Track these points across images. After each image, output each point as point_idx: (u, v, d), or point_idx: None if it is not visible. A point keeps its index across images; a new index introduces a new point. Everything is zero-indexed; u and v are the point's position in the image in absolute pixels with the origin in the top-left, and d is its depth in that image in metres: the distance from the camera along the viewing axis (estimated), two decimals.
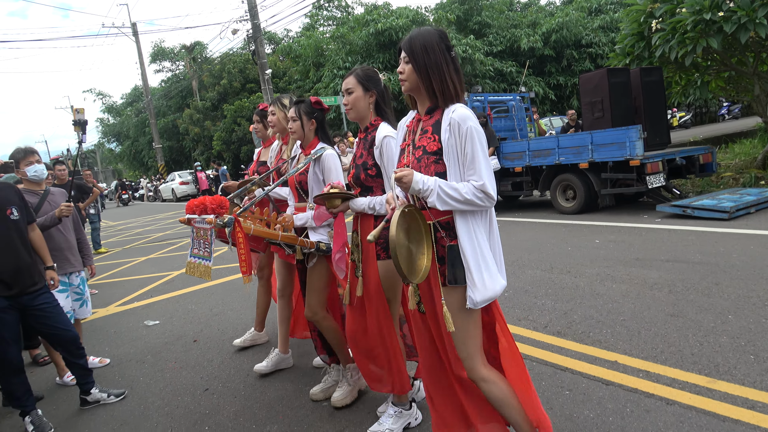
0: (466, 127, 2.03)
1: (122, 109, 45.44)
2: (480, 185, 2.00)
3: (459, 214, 2.05)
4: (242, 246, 2.74)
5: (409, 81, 2.17)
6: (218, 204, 2.76)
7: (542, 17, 24.21)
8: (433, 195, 2.00)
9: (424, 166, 2.12)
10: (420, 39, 2.12)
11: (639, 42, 10.02)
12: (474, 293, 2.04)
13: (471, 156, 2.02)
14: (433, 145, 2.12)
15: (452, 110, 2.08)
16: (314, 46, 22.42)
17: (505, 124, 11.10)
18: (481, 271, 2.04)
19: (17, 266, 3.31)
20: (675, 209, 7.65)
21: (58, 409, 3.77)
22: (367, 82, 2.74)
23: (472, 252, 2.04)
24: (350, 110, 2.78)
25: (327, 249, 2.99)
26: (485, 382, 2.16)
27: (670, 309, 4.16)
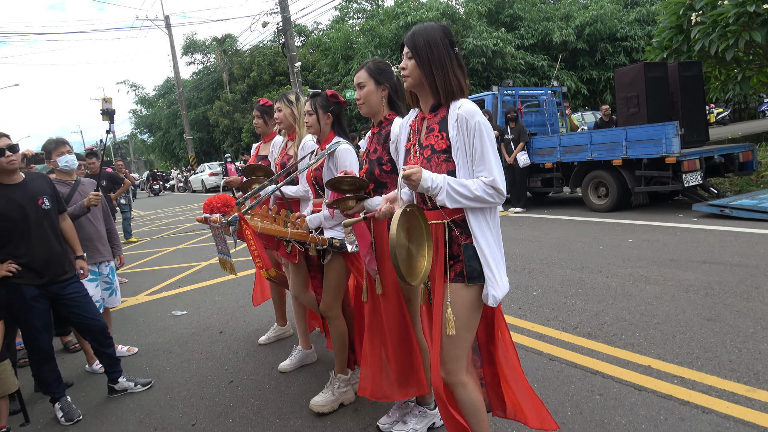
0: (474, 122, 1.98)
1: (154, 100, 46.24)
2: (490, 181, 1.95)
3: (471, 211, 2.01)
4: (252, 242, 2.72)
5: (413, 77, 2.11)
6: (223, 203, 2.74)
7: (576, 10, 23.67)
8: (442, 193, 1.95)
9: (434, 165, 2.06)
10: (423, 34, 2.07)
11: (677, 35, 9.72)
12: (495, 290, 2.01)
13: (480, 152, 1.97)
14: (441, 143, 2.06)
15: (458, 106, 2.03)
16: (343, 39, 22.40)
17: (535, 119, 10.90)
18: (499, 267, 2.03)
19: (48, 255, 3.36)
20: (712, 209, 7.40)
21: (87, 397, 3.83)
22: (379, 76, 2.67)
23: (489, 249, 2.02)
24: (362, 105, 2.71)
25: (341, 246, 2.93)
26: (463, 388, 2.12)
27: (707, 313, 4.01)
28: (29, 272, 3.30)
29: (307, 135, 3.51)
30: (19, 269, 3.26)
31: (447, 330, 2.03)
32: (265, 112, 4.19)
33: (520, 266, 5.81)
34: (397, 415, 2.90)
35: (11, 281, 3.26)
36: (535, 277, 5.44)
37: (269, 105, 4.19)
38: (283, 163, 3.80)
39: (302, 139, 3.56)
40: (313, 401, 3.16)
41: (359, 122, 20.18)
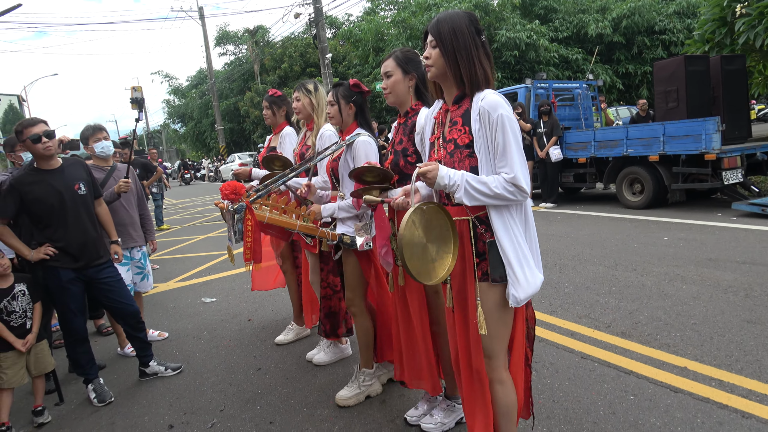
0: (497, 115, 1.88)
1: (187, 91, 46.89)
2: (511, 178, 1.86)
3: (493, 209, 1.93)
4: (250, 232, 2.70)
5: (436, 66, 2.02)
6: (232, 190, 2.71)
7: (613, 2, 23.07)
8: (460, 190, 1.88)
9: (457, 161, 1.99)
10: (448, 22, 1.98)
11: (720, 28, 9.39)
12: (517, 290, 1.92)
13: (502, 146, 1.88)
14: (464, 137, 1.98)
15: (481, 98, 1.93)
16: (374, 31, 22.29)
17: (569, 112, 10.68)
18: (522, 267, 1.93)
19: (84, 240, 3.42)
20: (753, 208, 7.15)
21: (119, 379, 3.90)
22: (406, 65, 2.60)
23: (512, 247, 1.92)
24: (389, 94, 2.66)
25: (351, 242, 2.87)
26: (501, 385, 2.07)
27: (747, 315, 3.87)
28: (66, 256, 3.36)
29: (326, 125, 3.45)
30: (56, 252, 3.32)
31: (480, 330, 1.98)
32: (273, 103, 4.09)
33: (551, 262, 5.71)
34: (425, 408, 2.87)
35: (48, 264, 3.33)
36: (566, 273, 5.33)
37: (278, 95, 4.11)
38: (302, 153, 3.74)
39: (320, 129, 3.50)
40: (339, 395, 3.16)
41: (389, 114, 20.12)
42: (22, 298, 3.25)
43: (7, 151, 4.39)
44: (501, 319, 2.02)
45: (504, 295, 1.98)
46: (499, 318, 2.01)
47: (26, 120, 3.34)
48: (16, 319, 3.20)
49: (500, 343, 2.05)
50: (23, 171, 3.41)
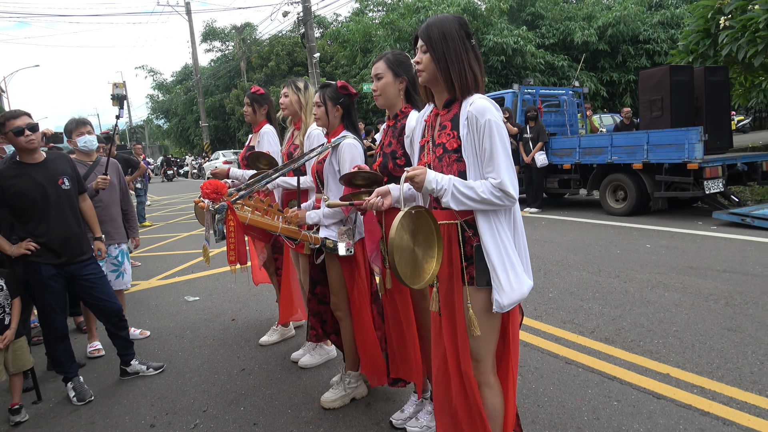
0: (485, 121, 1.87)
1: (172, 86, 46.41)
2: (498, 183, 1.86)
3: (480, 213, 1.92)
4: (232, 234, 2.64)
5: (427, 71, 2.02)
6: (213, 189, 2.63)
7: (599, 10, 23.38)
8: (447, 195, 1.88)
9: (446, 165, 1.99)
10: (438, 26, 1.97)
11: (704, 39, 9.56)
12: (501, 296, 1.91)
13: (489, 151, 1.88)
14: (453, 142, 1.98)
15: (470, 102, 1.93)
16: (363, 32, 22.29)
17: (555, 119, 10.78)
18: (507, 273, 1.92)
19: (66, 236, 3.36)
20: (733, 217, 7.28)
21: (99, 378, 3.83)
22: (397, 68, 2.59)
23: (497, 252, 1.92)
24: (379, 96, 2.64)
25: (333, 247, 2.84)
26: (489, 389, 2.08)
27: (727, 323, 3.93)
28: (47, 251, 3.30)
29: (314, 123, 3.43)
30: (38, 248, 3.26)
31: (472, 332, 1.98)
32: (255, 100, 3.98)
33: (535, 267, 5.75)
34: (411, 411, 2.87)
35: (29, 259, 3.26)
36: (550, 278, 5.37)
37: (260, 93, 4.01)
38: (290, 153, 3.68)
39: (308, 127, 3.45)
40: (324, 397, 3.14)
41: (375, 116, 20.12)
42: (0, 294, 3.18)
43: None
44: (488, 324, 2.01)
45: (490, 300, 1.98)
46: (486, 322, 2.01)
47: (9, 112, 3.27)
48: None
49: (488, 346, 2.05)
50: (5, 164, 3.34)
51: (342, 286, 3.01)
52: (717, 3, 9.16)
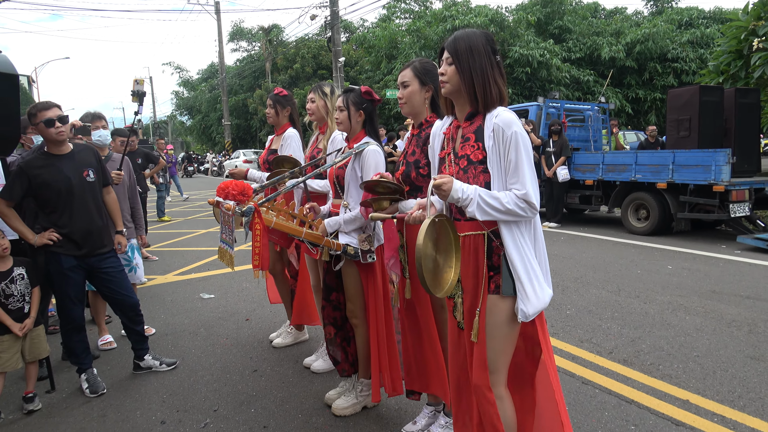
0: (511, 132, 1.90)
1: (197, 84, 46.96)
2: (522, 194, 1.88)
3: (503, 223, 1.95)
4: (258, 238, 2.58)
5: (451, 83, 2.03)
6: (240, 191, 2.60)
7: (627, 27, 23.23)
8: (472, 204, 1.89)
9: (472, 176, 1.99)
10: (465, 40, 2.00)
11: (736, 60, 9.40)
12: (526, 305, 1.93)
13: (515, 163, 1.90)
14: (478, 153, 1.99)
15: (495, 115, 1.96)
16: (389, 38, 22.37)
17: (579, 133, 10.66)
18: (532, 282, 1.94)
19: (88, 228, 3.38)
20: (758, 242, 7.12)
21: (112, 371, 3.85)
22: (424, 76, 2.58)
23: (521, 262, 1.94)
24: (404, 104, 2.63)
25: (354, 254, 2.81)
26: (500, 401, 2.05)
27: (751, 351, 3.83)
28: (69, 242, 3.32)
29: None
30: (60, 238, 3.28)
31: (471, 336, 1.99)
32: (278, 102, 3.94)
33: (553, 283, 5.61)
34: (423, 423, 2.83)
35: (51, 249, 3.29)
36: (569, 295, 5.29)
37: (284, 95, 3.98)
38: (313, 156, 3.66)
39: (333, 132, 3.43)
40: (336, 404, 3.10)
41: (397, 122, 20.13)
42: (21, 282, 3.21)
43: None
44: (507, 335, 2.01)
45: (513, 311, 1.98)
46: (506, 333, 2.00)
47: (40, 103, 3.31)
48: (14, 302, 3.16)
49: (504, 357, 2.03)
50: (33, 154, 3.38)
51: (359, 292, 2.98)
52: (751, 24, 9.01)
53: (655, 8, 29.34)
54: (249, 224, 2.58)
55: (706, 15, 24.74)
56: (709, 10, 25.21)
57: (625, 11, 28.18)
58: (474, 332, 2.00)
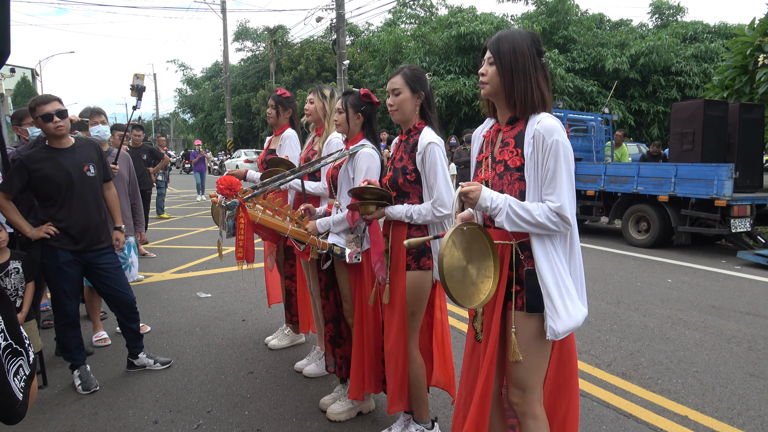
0: (552, 140, 1.81)
1: (200, 82, 46.99)
2: (557, 207, 1.79)
3: (535, 236, 1.86)
4: (242, 231, 2.66)
5: (491, 84, 1.95)
6: (227, 185, 2.65)
7: (632, 39, 23.24)
8: (501, 215, 1.81)
9: (506, 183, 1.92)
10: (509, 40, 1.91)
11: (741, 76, 9.40)
12: (555, 323, 1.83)
13: (552, 172, 1.81)
14: (516, 159, 1.91)
15: (537, 120, 1.87)
16: (393, 43, 22.37)
17: (582, 144, 10.65)
18: (563, 298, 1.83)
19: (86, 223, 3.35)
20: (759, 258, 7.09)
21: (105, 368, 3.81)
22: (414, 83, 2.55)
23: (553, 277, 1.84)
24: (396, 111, 2.60)
25: (341, 254, 2.80)
26: (534, 420, 1.97)
27: (750, 368, 3.80)
28: (66, 237, 3.29)
29: (334, 132, 3.40)
30: (57, 233, 3.25)
31: (511, 356, 1.91)
32: (280, 103, 3.92)
33: None
34: (397, 431, 2.80)
35: (47, 243, 3.26)
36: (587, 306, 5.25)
37: (286, 96, 3.96)
38: (308, 158, 3.64)
39: (329, 135, 3.42)
40: (331, 409, 3.07)
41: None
42: (16, 276, 3.18)
43: (14, 124, 4.34)
44: (538, 352, 1.93)
45: (542, 327, 1.89)
46: (536, 350, 1.92)
47: (40, 97, 3.28)
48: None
49: (537, 375, 1.95)
50: (32, 148, 3.35)
51: (351, 290, 2.98)
52: (757, 40, 9.01)
53: (660, 21, 29.37)
54: (233, 217, 2.64)
55: (711, 30, 24.77)
56: (714, 25, 25.26)
57: (630, 23, 28.21)
58: (512, 351, 1.91)
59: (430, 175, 2.46)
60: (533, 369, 1.94)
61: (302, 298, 3.94)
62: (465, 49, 19.80)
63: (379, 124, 3.13)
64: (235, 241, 2.69)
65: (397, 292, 2.57)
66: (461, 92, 18.52)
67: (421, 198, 2.55)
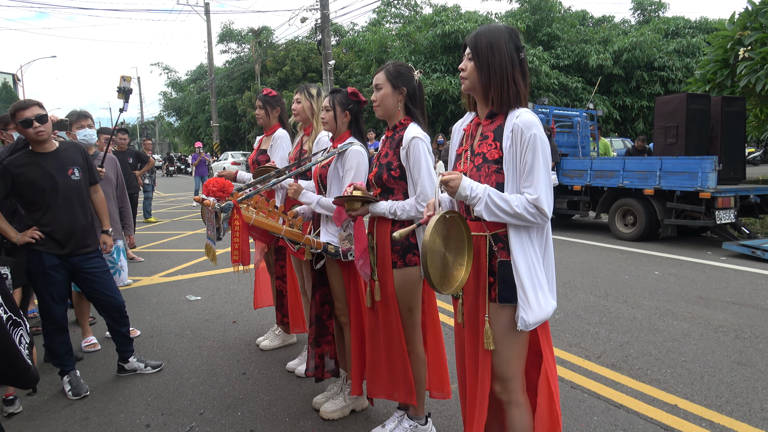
0: (530, 134, 1.85)
1: (185, 85, 46.66)
2: (534, 199, 1.83)
3: (513, 228, 1.89)
4: (237, 234, 2.66)
5: (470, 80, 1.99)
6: (220, 187, 2.64)
7: (615, 35, 23.46)
8: (480, 204, 1.85)
9: (484, 175, 1.95)
10: (487, 35, 1.94)
11: (722, 69, 9.52)
12: (527, 314, 1.88)
13: (530, 165, 1.85)
14: (494, 152, 1.94)
15: (516, 115, 1.91)
16: (379, 42, 22.37)
17: (567, 139, 10.72)
18: (536, 291, 1.89)
19: (72, 226, 3.32)
20: (743, 249, 7.19)
21: (95, 372, 3.78)
22: (396, 80, 2.57)
23: (527, 269, 1.89)
24: (378, 107, 2.62)
25: (335, 252, 2.81)
26: (518, 408, 2.01)
27: (737, 356, 3.85)
28: (51, 241, 3.27)
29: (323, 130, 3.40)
30: (42, 237, 3.22)
31: (486, 345, 1.94)
32: (267, 103, 3.92)
33: None
34: (391, 427, 2.81)
35: (33, 248, 3.23)
36: (557, 300, 5.27)
37: (273, 95, 3.96)
38: (297, 157, 3.66)
39: (318, 134, 3.43)
40: (324, 408, 3.07)
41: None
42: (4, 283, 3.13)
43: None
44: (515, 342, 1.97)
45: (514, 317, 1.93)
46: (513, 340, 1.96)
47: (20, 102, 3.23)
48: None
49: (516, 364, 1.99)
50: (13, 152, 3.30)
51: (344, 291, 2.98)
52: (737, 34, 9.13)
53: (642, 17, 29.67)
54: (228, 220, 2.63)
55: (692, 25, 25.06)
56: (695, 20, 25.55)
57: (612, 20, 28.45)
58: (487, 341, 1.95)
59: (414, 170, 2.48)
60: (511, 358, 1.98)
61: (293, 299, 3.94)
62: (450, 47, 19.85)
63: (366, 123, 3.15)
64: (231, 243, 2.69)
65: (388, 289, 2.58)
66: (447, 90, 18.56)
67: (406, 194, 2.56)
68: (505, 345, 1.96)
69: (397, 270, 2.55)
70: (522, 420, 2.01)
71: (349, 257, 2.80)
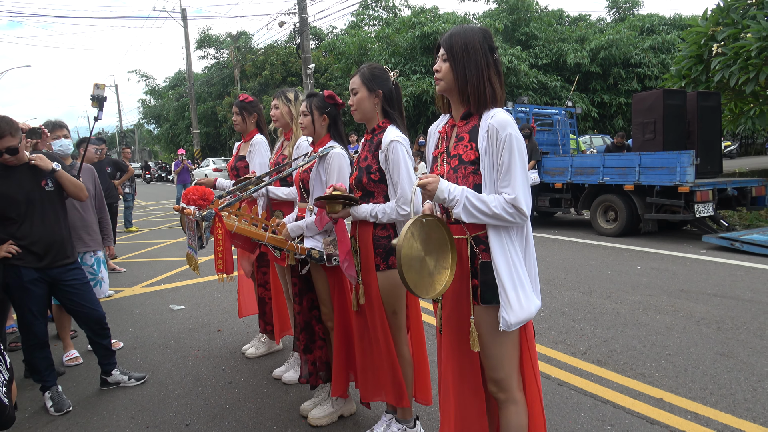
0: (505, 134, 1.85)
1: (164, 92, 46.16)
2: (512, 199, 1.83)
3: (492, 228, 1.89)
4: (220, 242, 2.63)
5: (445, 81, 1.98)
6: (200, 196, 2.62)
7: (591, 33, 23.72)
8: (459, 206, 1.84)
9: (461, 177, 1.94)
10: (462, 36, 1.94)
11: (697, 65, 9.68)
12: (508, 314, 1.86)
13: (507, 166, 1.85)
14: (470, 153, 1.94)
15: (491, 115, 1.90)
16: (358, 45, 22.36)
17: (548, 138, 10.82)
18: (516, 290, 1.87)
19: (50, 238, 3.26)
20: (722, 241, 7.30)
21: (78, 387, 3.71)
22: (371, 83, 2.56)
23: (507, 270, 1.88)
24: (355, 111, 2.61)
25: (320, 258, 2.80)
26: (515, 405, 2.01)
27: (720, 348, 3.90)
28: (29, 254, 3.20)
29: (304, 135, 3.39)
30: (19, 251, 3.16)
31: (472, 347, 1.93)
32: (244, 109, 3.88)
33: None
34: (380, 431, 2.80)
35: (10, 262, 3.16)
36: (542, 297, 5.30)
37: (249, 101, 3.92)
38: (278, 163, 3.61)
39: (298, 139, 3.41)
40: (311, 414, 3.05)
41: None
42: None
43: None
44: (503, 342, 1.96)
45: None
46: (501, 341, 1.95)
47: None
48: None
49: (509, 363, 1.99)
50: None
51: (329, 294, 2.97)
52: (710, 30, 9.29)
53: (617, 15, 30.05)
54: (210, 228, 2.59)
55: (667, 22, 25.43)
56: (670, 17, 25.95)
57: (588, 18, 28.78)
58: (473, 342, 1.94)
59: (393, 173, 2.47)
60: (503, 359, 1.98)
61: (276, 306, 3.91)
62: (429, 48, 19.89)
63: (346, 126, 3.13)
64: (214, 252, 2.66)
65: (372, 292, 2.57)
66: (428, 91, 18.60)
67: (386, 197, 2.55)
68: (495, 347, 1.95)
69: (381, 273, 2.54)
70: (519, 418, 2.01)
71: (333, 262, 2.78)
